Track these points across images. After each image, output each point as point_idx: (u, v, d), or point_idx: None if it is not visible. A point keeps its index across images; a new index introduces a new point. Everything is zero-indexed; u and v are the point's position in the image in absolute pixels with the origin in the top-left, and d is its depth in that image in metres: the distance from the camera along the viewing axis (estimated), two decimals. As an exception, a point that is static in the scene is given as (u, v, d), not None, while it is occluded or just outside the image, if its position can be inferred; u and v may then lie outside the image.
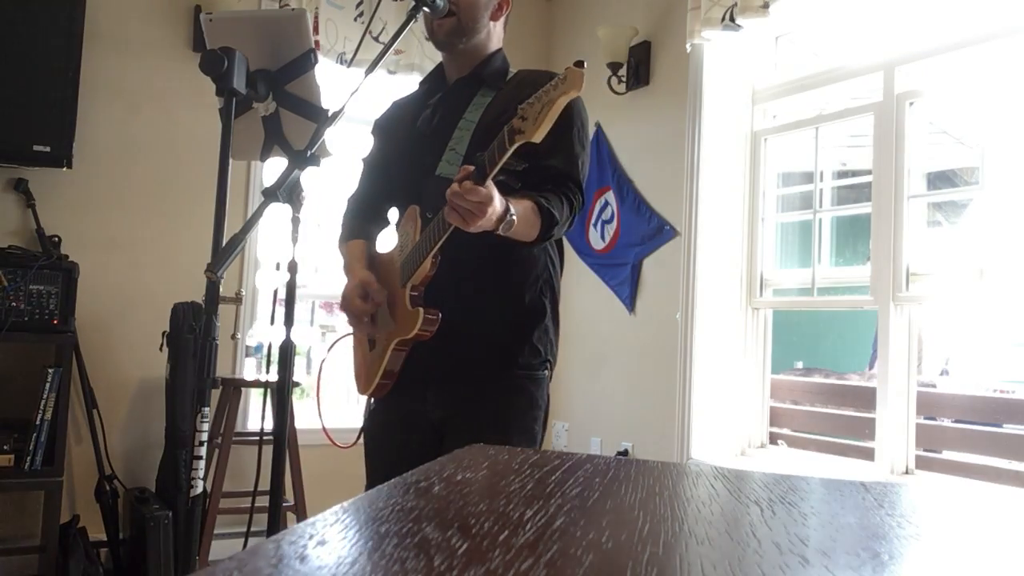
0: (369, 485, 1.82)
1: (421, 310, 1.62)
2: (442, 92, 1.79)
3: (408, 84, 3.30)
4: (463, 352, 1.67)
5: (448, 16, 1.68)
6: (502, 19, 1.79)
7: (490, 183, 1.39)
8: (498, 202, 1.41)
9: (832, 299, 3.40)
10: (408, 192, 1.75)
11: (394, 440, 1.77)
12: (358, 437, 1.86)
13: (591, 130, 3.41)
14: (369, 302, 1.69)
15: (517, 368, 1.69)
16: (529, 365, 1.70)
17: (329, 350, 1.92)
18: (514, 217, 1.46)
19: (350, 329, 1.82)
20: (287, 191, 1.41)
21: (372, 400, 1.84)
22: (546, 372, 1.74)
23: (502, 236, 1.49)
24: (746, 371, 3.44)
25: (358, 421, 1.88)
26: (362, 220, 1.88)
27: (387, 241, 1.89)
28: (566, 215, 1.63)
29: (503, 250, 1.64)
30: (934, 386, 4.75)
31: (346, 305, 1.71)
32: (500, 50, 1.80)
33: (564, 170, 1.66)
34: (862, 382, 4.59)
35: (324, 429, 1.83)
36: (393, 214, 1.89)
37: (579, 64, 1.31)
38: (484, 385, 1.68)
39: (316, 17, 3.51)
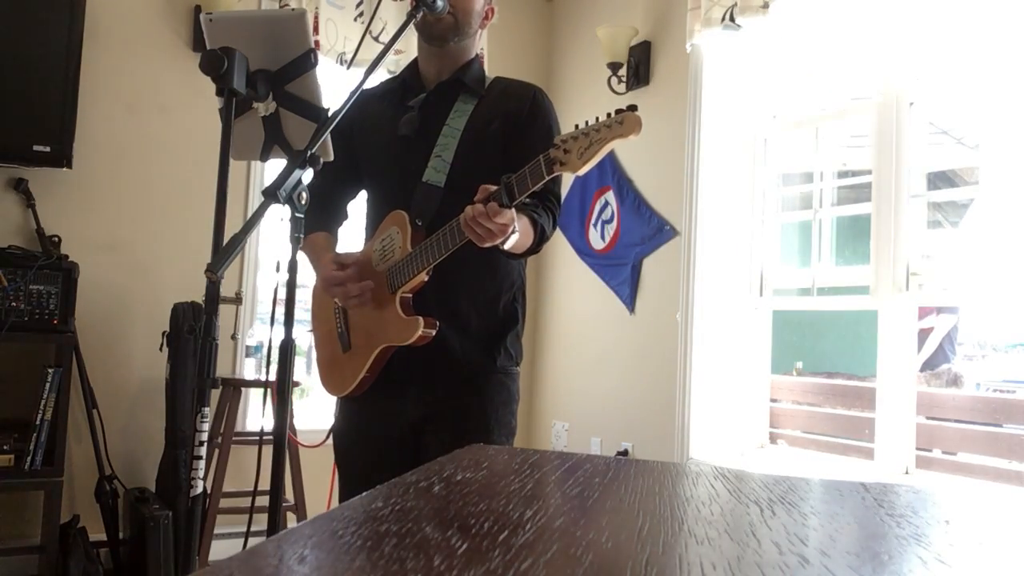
0: (344, 484, 1.84)
1: (421, 319, 1.65)
2: (424, 95, 1.80)
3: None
4: (445, 355, 1.71)
5: (446, 15, 1.70)
6: (484, 29, 1.85)
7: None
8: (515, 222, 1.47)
9: (832, 299, 3.40)
10: (392, 195, 1.77)
11: (369, 439, 1.79)
12: (327, 437, 1.87)
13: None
14: (352, 285, 1.69)
15: (495, 368, 1.77)
16: (504, 365, 1.79)
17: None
18: (517, 233, 1.51)
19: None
20: (287, 191, 1.40)
21: (341, 399, 1.84)
22: (518, 368, 1.83)
23: (497, 248, 1.53)
24: (746, 371, 3.44)
25: (324, 421, 1.86)
26: (323, 215, 1.86)
27: (347, 238, 1.92)
28: (551, 229, 1.72)
29: (485, 260, 1.70)
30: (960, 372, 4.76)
31: (330, 285, 1.71)
32: (477, 56, 1.85)
33: (547, 185, 1.68)
34: (873, 384, 4.59)
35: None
36: (352, 210, 1.92)
37: (632, 108, 1.34)
38: (465, 384, 1.75)
39: (316, 17, 3.51)
